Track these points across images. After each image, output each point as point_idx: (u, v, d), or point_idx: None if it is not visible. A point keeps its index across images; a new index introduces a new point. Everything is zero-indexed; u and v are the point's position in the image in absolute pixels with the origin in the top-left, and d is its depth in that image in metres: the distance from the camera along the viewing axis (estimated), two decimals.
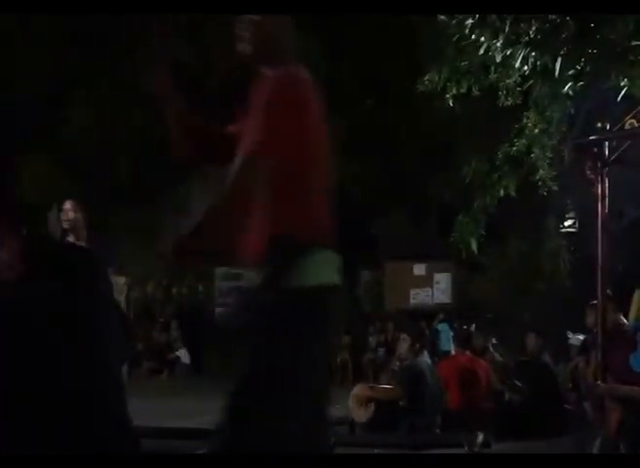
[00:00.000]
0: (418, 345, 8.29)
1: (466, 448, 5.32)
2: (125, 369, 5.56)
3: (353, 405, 7.95)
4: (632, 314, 6.11)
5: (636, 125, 5.71)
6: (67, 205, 6.20)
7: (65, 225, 6.20)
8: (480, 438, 5.51)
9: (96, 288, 3.19)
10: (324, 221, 2.39)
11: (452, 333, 12.41)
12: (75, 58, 14.19)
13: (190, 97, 2.64)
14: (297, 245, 2.31)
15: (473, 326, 11.05)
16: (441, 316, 14.06)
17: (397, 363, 9.45)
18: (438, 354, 10.62)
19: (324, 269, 2.34)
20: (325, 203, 2.41)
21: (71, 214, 6.26)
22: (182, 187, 14.25)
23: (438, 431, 7.81)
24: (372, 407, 7.83)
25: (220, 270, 16.48)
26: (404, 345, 8.40)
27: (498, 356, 10.48)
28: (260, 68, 2.47)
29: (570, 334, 9.81)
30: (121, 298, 15.09)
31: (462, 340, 9.00)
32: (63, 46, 14.24)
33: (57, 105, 14.62)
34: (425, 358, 8.41)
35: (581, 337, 9.48)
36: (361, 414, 7.88)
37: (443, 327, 12.11)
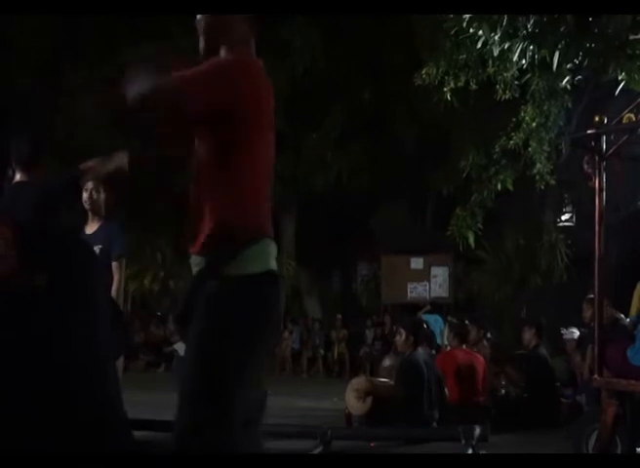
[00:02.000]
0: (413, 339, 8.27)
1: (463, 441, 5.32)
2: (121, 362, 5.52)
3: (351, 398, 7.95)
4: (633, 308, 6.10)
5: (634, 119, 5.70)
6: (90, 185, 5.89)
7: (87, 206, 5.99)
8: (477, 431, 5.51)
9: (89, 281, 3.17)
10: (264, 210, 2.41)
11: (442, 326, 12.38)
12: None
13: None
14: (237, 234, 2.35)
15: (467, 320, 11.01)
16: (428, 307, 14.00)
17: (394, 356, 9.44)
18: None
19: (262, 258, 2.37)
20: (266, 191, 2.43)
21: (94, 195, 6.07)
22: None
23: (435, 424, 7.81)
24: (369, 400, 7.83)
25: None
26: (400, 339, 8.39)
27: (489, 349, 10.46)
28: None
29: (563, 330, 9.81)
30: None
31: (460, 334, 8.99)
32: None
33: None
34: (422, 352, 8.40)
35: (575, 331, 9.49)
36: (358, 407, 7.88)
37: (433, 318, 12.02)
